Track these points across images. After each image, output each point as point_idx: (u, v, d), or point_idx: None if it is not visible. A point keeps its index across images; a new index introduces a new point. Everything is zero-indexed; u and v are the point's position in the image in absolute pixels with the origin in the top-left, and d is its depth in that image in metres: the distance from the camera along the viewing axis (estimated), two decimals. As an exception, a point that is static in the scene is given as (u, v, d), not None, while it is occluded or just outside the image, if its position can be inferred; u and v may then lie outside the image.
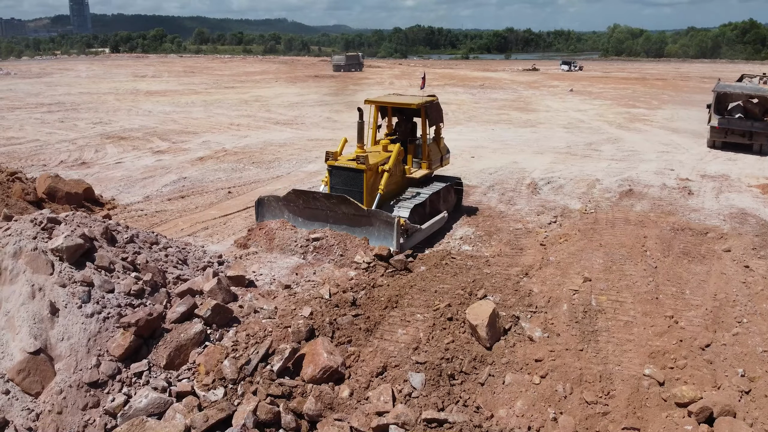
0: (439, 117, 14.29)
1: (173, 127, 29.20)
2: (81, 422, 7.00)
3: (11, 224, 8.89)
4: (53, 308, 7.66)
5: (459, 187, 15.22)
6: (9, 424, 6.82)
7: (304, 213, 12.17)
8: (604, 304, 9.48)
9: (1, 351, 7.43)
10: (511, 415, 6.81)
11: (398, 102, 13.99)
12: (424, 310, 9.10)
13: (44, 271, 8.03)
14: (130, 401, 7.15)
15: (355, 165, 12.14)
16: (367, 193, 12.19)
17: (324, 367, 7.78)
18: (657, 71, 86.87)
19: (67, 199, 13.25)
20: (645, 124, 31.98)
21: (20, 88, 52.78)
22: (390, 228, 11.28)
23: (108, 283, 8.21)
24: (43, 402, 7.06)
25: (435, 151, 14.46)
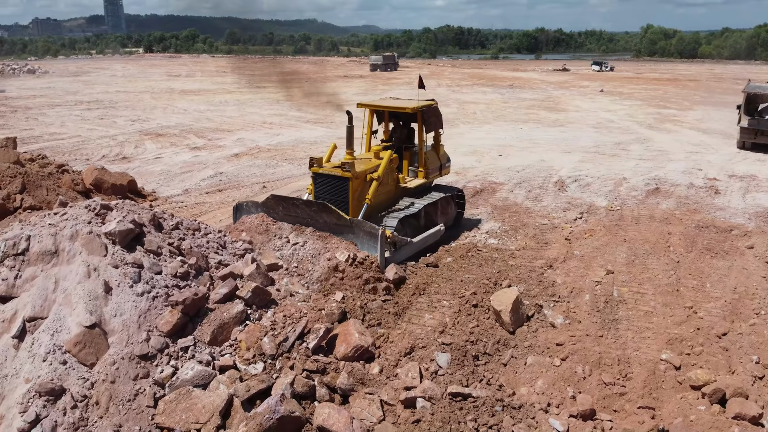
0: (438, 123, 13.39)
1: (208, 125, 30.07)
2: (132, 391, 7.59)
3: (67, 210, 9.57)
4: (107, 287, 8.27)
5: (461, 199, 14.21)
6: (66, 391, 7.43)
7: (284, 220, 11.19)
8: (626, 295, 9.82)
9: (59, 325, 8.05)
10: (532, 392, 7.23)
11: (393, 106, 13.07)
12: (450, 297, 9.56)
13: (98, 252, 8.66)
14: (177, 373, 7.73)
15: (340, 172, 11.31)
16: (353, 202, 11.37)
17: (356, 346, 8.31)
18: (690, 72, 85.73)
19: (112, 190, 13.99)
20: (675, 125, 31.89)
21: (59, 86, 54.48)
22: (374, 240, 10.24)
23: (156, 266, 8.81)
24: (97, 372, 7.65)
25: (433, 159, 13.47)
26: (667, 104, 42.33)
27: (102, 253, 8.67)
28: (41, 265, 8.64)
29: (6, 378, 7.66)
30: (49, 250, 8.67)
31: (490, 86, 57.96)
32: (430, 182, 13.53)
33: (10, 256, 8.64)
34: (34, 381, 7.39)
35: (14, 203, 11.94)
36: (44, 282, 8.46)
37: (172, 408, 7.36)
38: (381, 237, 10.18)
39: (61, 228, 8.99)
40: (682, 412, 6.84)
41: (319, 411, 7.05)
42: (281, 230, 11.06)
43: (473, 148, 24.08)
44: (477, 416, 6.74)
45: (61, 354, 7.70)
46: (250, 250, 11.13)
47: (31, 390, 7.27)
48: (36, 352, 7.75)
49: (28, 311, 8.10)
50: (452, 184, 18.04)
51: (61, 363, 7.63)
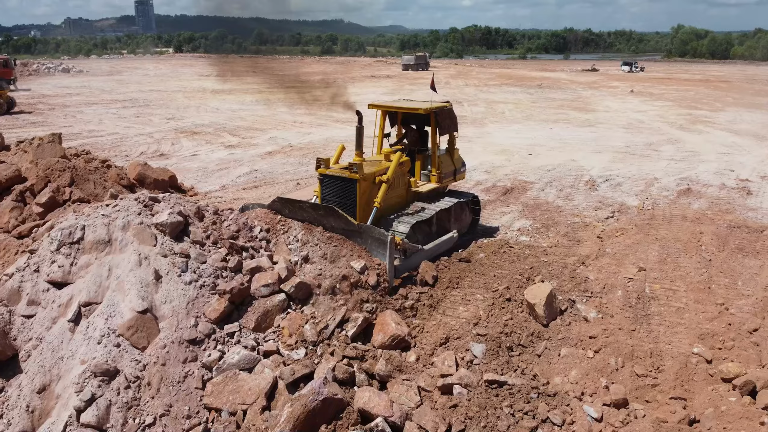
0: (453, 125, 12.83)
1: (241, 124, 30.66)
2: (181, 373, 7.99)
3: (119, 202, 10.05)
4: (157, 275, 8.70)
5: (476, 206, 13.73)
6: (119, 372, 7.85)
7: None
8: (658, 291, 9.97)
9: (112, 310, 8.49)
10: (566, 382, 7.46)
11: (405, 107, 12.63)
12: (484, 291, 9.81)
13: (149, 242, 9.10)
14: (224, 357, 8.12)
15: (348, 174, 10.82)
16: (360, 206, 10.90)
17: (393, 335, 8.63)
18: (722, 73, 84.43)
19: (154, 185, 14.48)
20: (706, 126, 31.62)
21: (94, 85, 55.77)
22: (382, 247, 9.57)
23: (202, 256, 9.21)
24: (148, 355, 8.07)
25: (447, 164, 12.92)
26: (698, 105, 41.90)
27: (152, 242, 9.10)
28: (95, 253, 9.10)
29: (62, 359, 8.11)
30: (103, 239, 9.12)
31: (519, 86, 57.88)
32: (444, 187, 13.01)
33: (66, 245, 9.12)
34: (90, 362, 7.81)
35: (63, 196, 12.48)
36: (98, 269, 8.90)
37: (220, 390, 7.74)
38: (390, 244, 9.49)
39: (113, 218, 9.44)
40: (713, 403, 7.02)
41: (360, 394, 7.37)
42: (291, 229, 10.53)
43: (503, 147, 24.24)
44: (513, 402, 7.00)
45: (115, 337, 8.12)
46: (267, 240, 11.05)
47: (87, 371, 7.68)
48: (91, 335, 8.18)
49: (83, 297, 8.55)
50: (481, 182, 18.31)
51: (114, 346, 8.05)
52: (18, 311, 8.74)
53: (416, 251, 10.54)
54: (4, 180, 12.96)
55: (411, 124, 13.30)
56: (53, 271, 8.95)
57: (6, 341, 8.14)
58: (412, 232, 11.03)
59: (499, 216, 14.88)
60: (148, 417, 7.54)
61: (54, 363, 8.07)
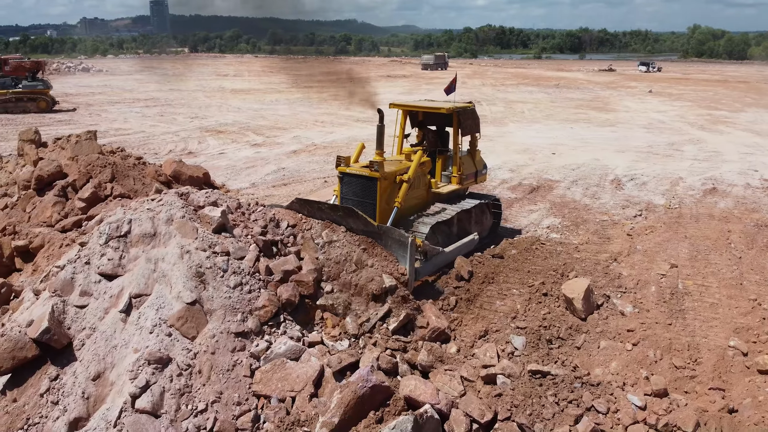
0: (475, 126, 12.71)
1: (263, 123, 31.04)
2: (230, 362, 8.26)
3: (162, 196, 10.37)
4: (200, 269, 8.97)
5: (497, 209, 13.53)
6: (172, 360, 8.14)
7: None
8: (691, 287, 10.15)
9: (162, 301, 8.79)
10: (606, 373, 7.67)
11: (427, 107, 12.52)
12: (519, 286, 10.03)
13: (191, 236, 9.39)
14: (271, 347, 8.39)
15: (368, 172, 10.62)
16: (381, 205, 10.67)
17: (433, 328, 8.88)
18: (739, 74, 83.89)
19: (189, 181, 14.78)
20: (727, 127, 31.59)
21: (114, 84, 56.50)
22: (403, 249, 9.28)
23: (242, 250, 9.48)
24: (198, 344, 8.35)
25: (468, 165, 12.78)
26: (717, 106, 41.78)
27: (194, 236, 9.39)
28: (142, 246, 9.40)
29: (116, 348, 8.41)
30: (149, 232, 9.41)
31: (536, 86, 57.92)
32: (464, 189, 12.88)
33: (115, 238, 9.42)
34: (143, 351, 8.09)
35: (105, 191, 12.82)
36: (146, 262, 9.19)
37: (269, 377, 8.01)
38: (411, 246, 9.20)
39: (157, 212, 9.76)
40: (750, 394, 7.21)
41: (406, 383, 7.59)
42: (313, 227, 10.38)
43: (525, 146, 24.41)
44: (557, 392, 7.22)
45: (167, 327, 8.39)
46: (294, 235, 11.10)
47: (141, 358, 7.97)
48: (143, 326, 8.47)
49: (133, 288, 8.84)
50: (506, 180, 18.51)
51: (166, 335, 8.33)
52: (71, 302, 9.03)
53: (437, 253, 10.34)
54: (46, 176, 13.33)
55: (432, 124, 13.13)
56: (103, 264, 9.23)
57: (61, 330, 8.43)
58: (432, 233, 10.84)
59: (527, 214, 15.09)
60: (200, 403, 7.80)
61: (107, 352, 8.36)
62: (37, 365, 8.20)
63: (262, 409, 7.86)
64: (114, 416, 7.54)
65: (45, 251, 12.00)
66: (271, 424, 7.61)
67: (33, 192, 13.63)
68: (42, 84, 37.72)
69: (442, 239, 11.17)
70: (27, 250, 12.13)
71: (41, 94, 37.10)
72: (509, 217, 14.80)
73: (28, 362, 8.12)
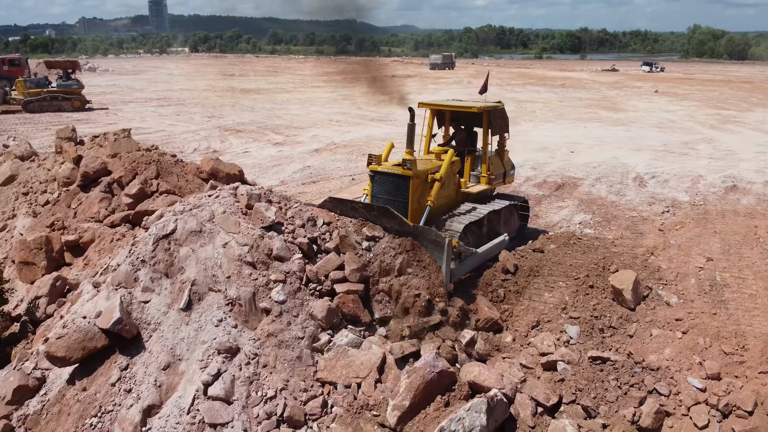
0: (504, 126, 12.72)
1: (280, 122, 31.39)
2: (294, 352, 8.62)
3: (218, 192, 10.73)
4: (253, 266, 9.27)
5: (525, 211, 13.51)
6: (240, 350, 8.48)
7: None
8: (728, 279, 10.52)
9: (221, 297, 9.12)
10: (662, 359, 8.03)
11: (457, 106, 12.43)
12: (565, 279, 10.38)
13: (244, 234, 9.70)
14: (332, 339, 8.75)
15: (401, 171, 10.53)
16: (412, 204, 10.60)
17: (486, 318, 9.24)
18: (742, 74, 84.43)
19: (227, 179, 15.09)
20: (737, 126, 32.02)
21: (122, 84, 56.75)
22: (439, 249, 9.17)
23: (289, 251, 9.73)
24: (262, 335, 8.69)
25: (497, 165, 12.73)
26: (725, 105, 42.22)
27: (246, 233, 9.71)
28: (198, 242, 9.70)
29: (183, 340, 8.73)
30: (205, 229, 9.74)
31: (542, 85, 58.32)
32: (492, 190, 12.81)
33: (163, 237, 9.62)
34: (210, 342, 8.44)
35: (151, 187, 13.14)
36: (203, 258, 9.51)
37: (333, 365, 8.36)
38: (448, 247, 9.09)
39: (213, 210, 10.10)
40: (799, 378, 7.58)
41: (469, 369, 7.95)
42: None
43: (542, 145, 24.79)
44: (618, 376, 7.59)
45: (232, 320, 8.75)
46: (329, 232, 11.25)
47: (211, 348, 8.32)
48: (208, 319, 8.81)
49: (194, 285, 9.12)
50: (531, 178, 18.88)
51: (233, 327, 8.68)
52: (135, 295, 9.35)
53: (470, 254, 10.21)
54: (92, 172, 13.65)
55: (461, 124, 13.07)
56: (162, 260, 9.49)
57: (131, 320, 8.73)
58: (464, 233, 10.72)
59: (557, 210, 15.45)
60: (269, 390, 8.15)
61: (176, 343, 8.68)
62: (105, 356, 8.47)
63: (329, 394, 8.21)
64: (187, 403, 7.87)
65: (96, 246, 12.33)
66: (340, 408, 7.96)
67: (77, 188, 13.95)
68: (76, 83, 38.07)
69: (473, 239, 11.05)
70: (77, 244, 12.45)
71: (75, 93, 37.50)
72: (540, 213, 15.17)
73: (96, 352, 8.40)
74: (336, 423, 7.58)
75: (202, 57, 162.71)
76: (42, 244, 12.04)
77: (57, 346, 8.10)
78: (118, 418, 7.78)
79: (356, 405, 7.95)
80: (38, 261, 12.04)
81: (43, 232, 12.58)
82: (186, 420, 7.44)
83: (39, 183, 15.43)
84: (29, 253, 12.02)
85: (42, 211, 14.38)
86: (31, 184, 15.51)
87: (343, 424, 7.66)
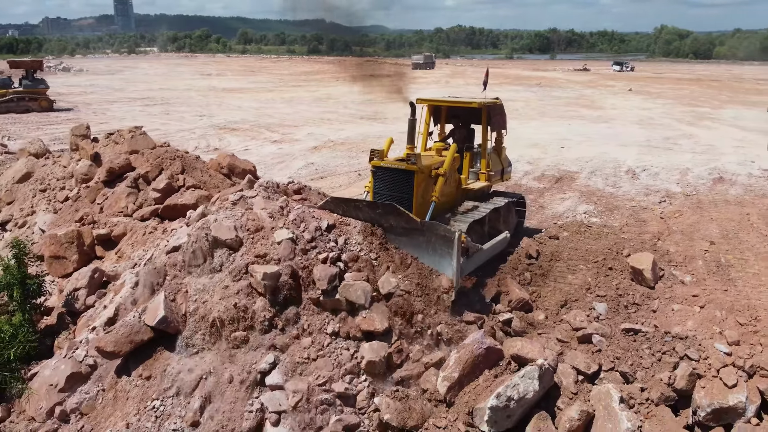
0: (502, 122, 12.62)
1: (271, 121, 31.78)
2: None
3: (256, 188, 11.23)
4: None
5: (521, 207, 13.58)
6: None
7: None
8: (732, 261, 11.40)
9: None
10: (685, 330, 8.81)
11: (457, 102, 12.33)
12: (584, 263, 11.13)
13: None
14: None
15: (405, 166, 10.30)
16: (417, 200, 10.34)
17: (518, 299, 9.93)
18: (709, 73, 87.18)
19: (242, 174, 15.55)
20: (713, 122, 33.43)
21: (101, 84, 56.30)
22: (448, 245, 8.91)
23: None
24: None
25: (495, 162, 12.63)
26: (698, 103, 43.84)
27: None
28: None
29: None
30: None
31: (519, 85, 59.57)
32: (490, 187, 12.70)
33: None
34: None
35: (178, 182, 13.55)
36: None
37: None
38: (457, 242, 8.82)
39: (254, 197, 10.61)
40: (808, 343, 8.42)
41: (512, 344, 8.62)
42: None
43: (533, 141, 25.68)
44: (651, 345, 8.37)
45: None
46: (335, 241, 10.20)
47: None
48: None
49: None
50: (529, 172, 19.70)
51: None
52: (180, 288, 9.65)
53: (477, 251, 10.08)
54: (118, 168, 14.01)
55: (459, 121, 12.96)
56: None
57: (175, 316, 8.91)
58: (469, 231, 10.47)
59: (560, 201, 16.27)
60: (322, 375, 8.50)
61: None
62: (155, 343, 8.74)
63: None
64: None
65: (128, 239, 12.70)
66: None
67: (101, 184, 14.27)
68: (42, 83, 37.78)
69: (476, 238, 10.72)
70: (108, 238, 12.81)
71: (41, 93, 37.21)
72: (545, 204, 15.98)
73: (144, 343, 8.67)
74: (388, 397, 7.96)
75: (172, 57, 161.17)
76: (73, 238, 12.32)
77: (106, 341, 8.47)
78: (176, 403, 8.13)
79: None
80: (69, 255, 12.32)
81: (70, 227, 12.87)
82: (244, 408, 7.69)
83: (56, 180, 15.67)
84: (60, 247, 12.29)
85: (62, 207, 14.65)
86: (48, 181, 15.74)
87: (394, 399, 8.03)
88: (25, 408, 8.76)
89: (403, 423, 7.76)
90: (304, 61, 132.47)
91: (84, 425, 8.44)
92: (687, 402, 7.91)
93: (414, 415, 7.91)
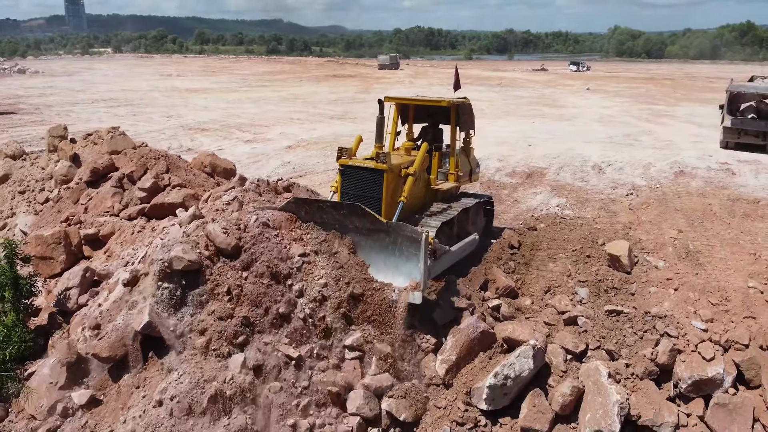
0: (471, 122, 12.46)
1: (240, 121, 31.81)
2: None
3: (246, 185, 11.51)
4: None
5: (490, 207, 13.53)
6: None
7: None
8: (699, 247, 12.18)
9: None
10: (663, 311, 9.45)
11: (426, 100, 12.19)
12: (563, 252, 11.73)
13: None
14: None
15: (374, 164, 10.02)
16: (386, 200, 10.11)
17: (504, 286, 10.43)
18: (662, 72, 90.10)
19: (224, 173, 15.75)
20: (670, 119, 34.81)
21: (61, 86, 55.15)
22: (415, 246, 8.69)
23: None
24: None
25: (464, 163, 12.50)
26: (654, 101, 45.46)
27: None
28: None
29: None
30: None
31: (480, 85, 60.60)
32: (458, 188, 12.59)
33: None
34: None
35: (163, 181, 13.67)
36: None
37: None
38: (424, 243, 8.58)
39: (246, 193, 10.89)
40: (775, 321, 9.16)
41: (503, 327, 9.12)
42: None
43: (500, 139, 26.40)
44: (633, 324, 8.97)
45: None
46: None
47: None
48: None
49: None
50: (500, 169, 20.34)
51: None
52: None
53: (445, 252, 9.97)
54: (102, 168, 14.05)
55: (426, 120, 12.83)
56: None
57: (161, 321, 9.02)
58: (438, 233, 10.30)
59: (533, 195, 16.92)
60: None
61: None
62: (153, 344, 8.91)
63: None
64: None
65: (117, 238, 12.78)
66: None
67: (83, 185, 14.27)
68: None
69: (445, 240, 10.60)
70: (96, 238, 12.88)
71: None
72: (519, 198, 16.60)
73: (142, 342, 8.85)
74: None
75: (128, 57, 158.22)
76: (60, 239, 12.34)
77: (101, 347, 8.66)
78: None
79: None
80: (56, 255, 12.34)
81: (55, 227, 12.86)
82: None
83: (35, 181, 15.58)
84: (47, 247, 12.30)
85: (43, 208, 14.59)
86: (27, 183, 15.64)
87: (399, 398, 8.43)
88: (24, 407, 8.83)
89: (416, 415, 8.26)
90: (263, 62, 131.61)
91: (88, 420, 8.57)
92: (669, 375, 8.53)
93: (419, 404, 8.37)
